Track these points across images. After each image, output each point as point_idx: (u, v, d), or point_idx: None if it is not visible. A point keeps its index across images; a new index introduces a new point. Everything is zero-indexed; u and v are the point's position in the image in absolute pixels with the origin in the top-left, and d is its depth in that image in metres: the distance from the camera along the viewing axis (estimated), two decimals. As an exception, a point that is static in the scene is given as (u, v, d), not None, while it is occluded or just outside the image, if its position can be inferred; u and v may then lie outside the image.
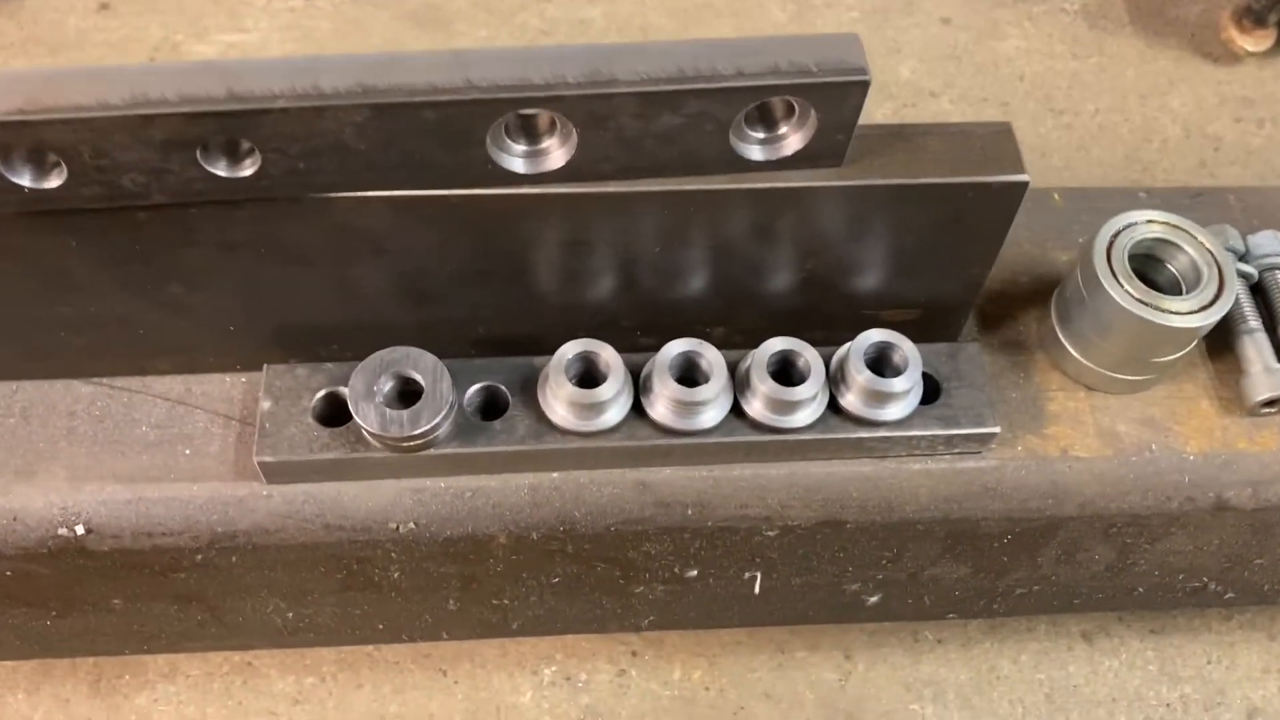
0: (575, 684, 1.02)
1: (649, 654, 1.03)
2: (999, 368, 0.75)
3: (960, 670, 1.05)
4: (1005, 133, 0.63)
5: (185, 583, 0.73)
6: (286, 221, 0.59)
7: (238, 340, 0.68)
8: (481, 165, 0.57)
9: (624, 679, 1.02)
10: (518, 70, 0.53)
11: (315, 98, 0.52)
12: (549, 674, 1.02)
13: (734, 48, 0.55)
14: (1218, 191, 0.85)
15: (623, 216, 0.61)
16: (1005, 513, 0.73)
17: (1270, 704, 1.04)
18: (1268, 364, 0.74)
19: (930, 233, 0.64)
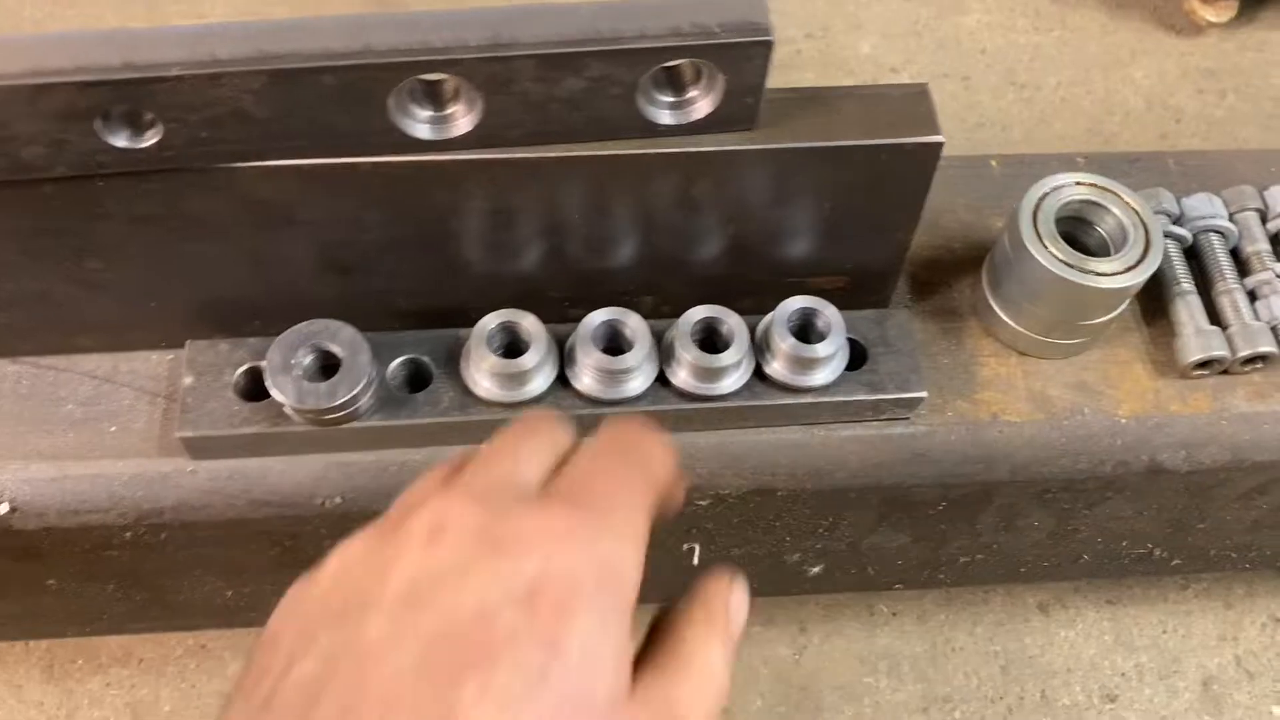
0: (529, 662, 1.02)
1: (603, 631, 1.03)
2: (931, 334, 0.75)
3: (915, 643, 1.05)
4: (921, 94, 0.62)
5: (119, 561, 0.73)
6: (194, 193, 0.59)
7: (161, 316, 0.68)
8: (386, 132, 0.56)
9: (578, 656, 1.02)
10: (417, 34, 0.53)
11: (211, 64, 0.52)
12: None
13: (636, 9, 0.54)
14: (1157, 155, 0.85)
15: (534, 183, 0.60)
16: (937, 478, 0.72)
17: (1225, 672, 1.04)
18: (1199, 326, 0.73)
19: (848, 197, 0.64)
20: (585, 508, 0.37)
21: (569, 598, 0.33)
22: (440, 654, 0.32)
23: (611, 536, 0.36)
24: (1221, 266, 0.76)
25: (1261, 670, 1.04)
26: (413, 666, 0.31)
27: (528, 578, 0.33)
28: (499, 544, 0.34)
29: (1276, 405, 0.74)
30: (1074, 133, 1.39)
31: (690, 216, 0.65)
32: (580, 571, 0.34)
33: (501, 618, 0.32)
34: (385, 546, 0.36)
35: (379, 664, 0.32)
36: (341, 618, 0.34)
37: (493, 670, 0.31)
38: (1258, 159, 0.84)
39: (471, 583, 0.33)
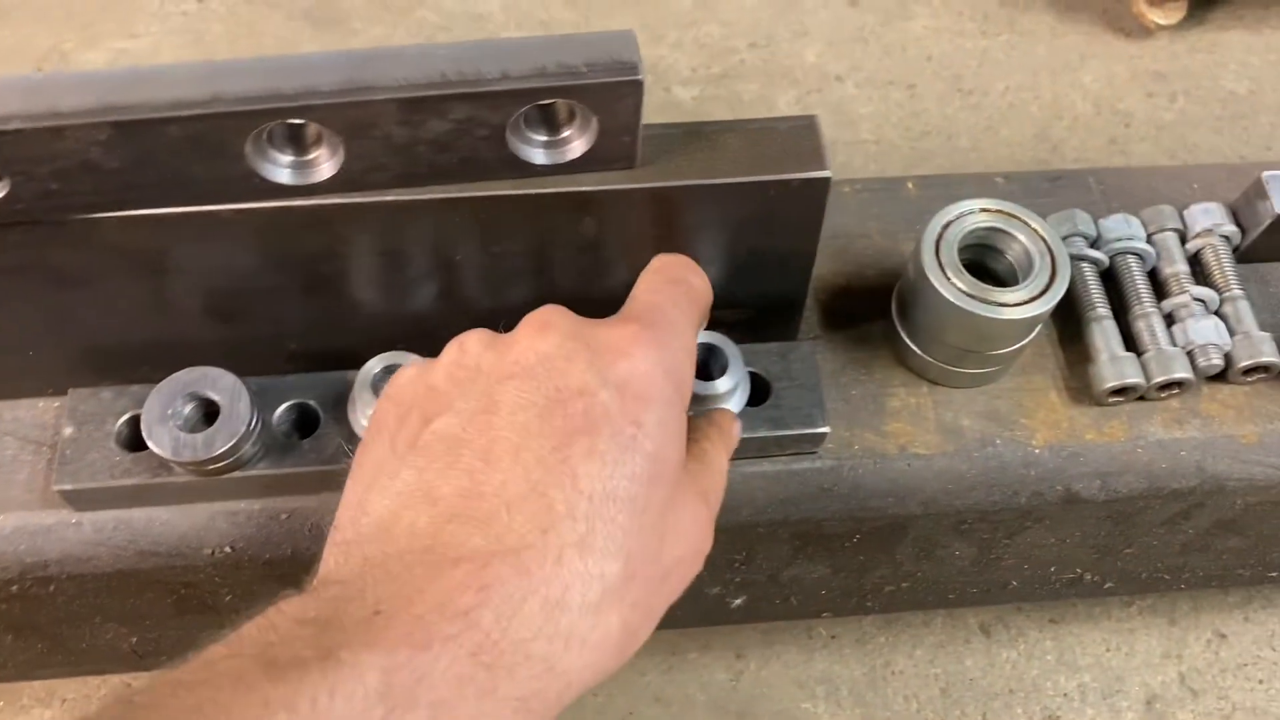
0: (460, 694, 1.00)
1: (536, 661, 1.02)
2: (841, 364, 0.73)
3: (854, 666, 1.03)
4: (809, 127, 0.60)
5: (10, 613, 0.71)
6: (55, 244, 0.57)
7: (42, 365, 0.66)
8: (246, 178, 0.54)
9: (510, 687, 1.00)
10: (268, 81, 0.51)
11: (52, 117, 0.50)
12: (433, 685, 1.00)
13: (499, 49, 0.53)
14: (1078, 174, 0.83)
15: (408, 226, 0.59)
16: (846, 513, 0.71)
17: (1169, 690, 1.03)
18: (1114, 352, 0.72)
19: (739, 232, 0.62)
20: (653, 326, 0.47)
21: (648, 390, 0.43)
22: (556, 417, 0.41)
23: (675, 348, 0.47)
24: (1138, 290, 0.74)
25: (1206, 688, 1.03)
26: (536, 425, 0.41)
27: (619, 372, 0.44)
28: (592, 344, 0.45)
29: (1193, 432, 0.72)
30: (1022, 139, 1.37)
31: (579, 254, 0.63)
32: (654, 372, 0.44)
33: (599, 398, 0.42)
34: (499, 340, 0.47)
35: (509, 422, 0.41)
36: (472, 385, 0.44)
37: (596, 436, 0.41)
38: (1179, 175, 0.83)
39: (575, 368, 0.43)
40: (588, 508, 0.40)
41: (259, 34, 1.40)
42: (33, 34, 1.38)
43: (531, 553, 0.39)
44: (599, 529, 0.40)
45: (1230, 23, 1.49)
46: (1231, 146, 1.38)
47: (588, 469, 0.41)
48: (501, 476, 0.40)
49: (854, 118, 1.38)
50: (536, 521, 0.39)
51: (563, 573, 0.39)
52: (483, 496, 0.40)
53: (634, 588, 0.41)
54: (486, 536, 0.39)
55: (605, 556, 0.40)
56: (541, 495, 0.40)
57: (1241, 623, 1.06)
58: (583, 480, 0.40)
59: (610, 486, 0.41)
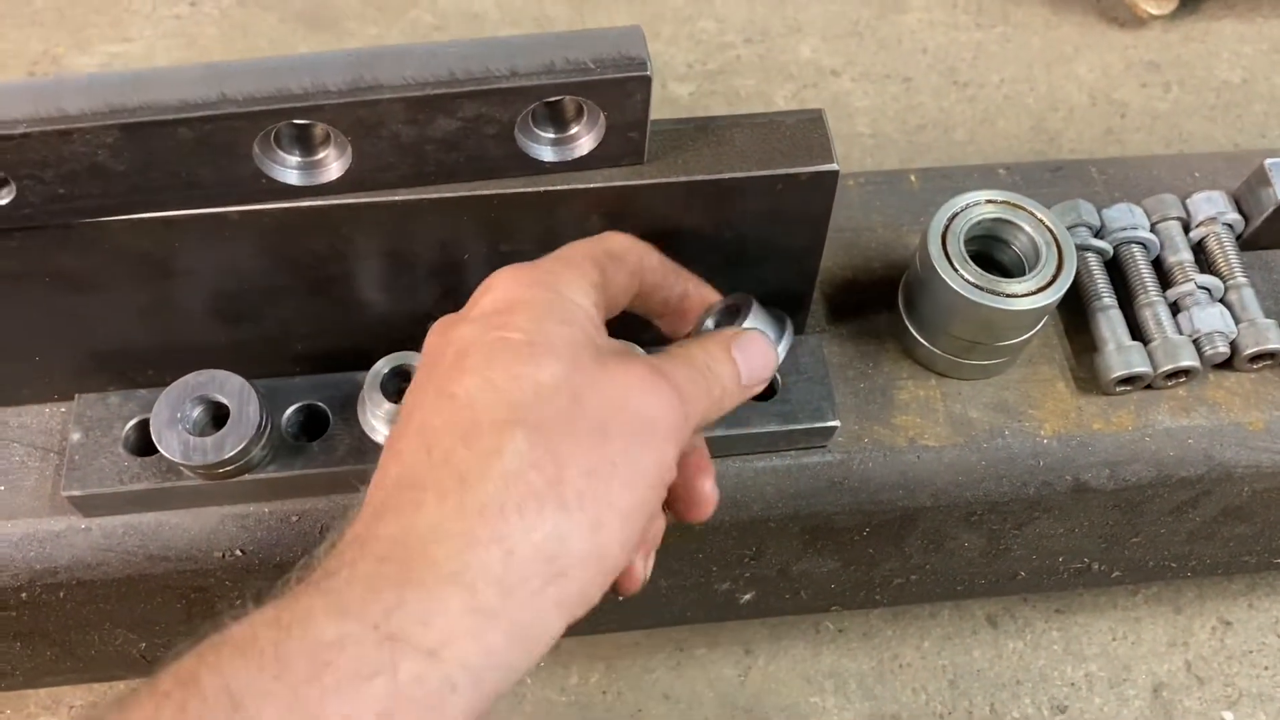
0: (468, 694, 1.00)
1: (543, 660, 1.01)
2: (848, 358, 0.73)
3: (862, 660, 1.03)
4: (816, 121, 0.60)
5: (19, 620, 0.71)
6: (62, 249, 0.57)
7: (48, 370, 0.66)
8: (254, 180, 0.54)
9: (519, 687, 1.00)
10: (275, 81, 0.51)
11: (60, 121, 0.49)
12: (441, 686, 1.00)
13: (508, 46, 0.52)
14: (1079, 164, 0.83)
15: (416, 225, 0.58)
16: (856, 506, 0.71)
17: (1175, 678, 1.03)
18: (1121, 341, 0.72)
19: (747, 227, 0.62)
20: (520, 265, 0.49)
21: (508, 302, 0.46)
22: (435, 370, 0.45)
23: (546, 266, 0.48)
24: (1143, 279, 0.75)
25: (1211, 675, 1.03)
26: (425, 391, 0.45)
27: (482, 306, 0.47)
28: (471, 302, 0.49)
29: (1200, 420, 0.73)
30: (1018, 131, 1.38)
31: (587, 251, 0.63)
32: (512, 286, 0.47)
33: (461, 331, 0.46)
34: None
35: (411, 405, 0.45)
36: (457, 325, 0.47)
37: (463, 361, 0.44)
38: (1180, 163, 0.83)
39: (453, 328, 0.47)
40: (462, 410, 0.42)
41: (252, 36, 1.40)
42: (25, 38, 1.37)
43: (417, 473, 0.41)
44: (480, 417, 0.42)
45: (1222, 12, 1.49)
46: (1226, 135, 1.39)
47: (461, 385, 0.43)
48: (406, 453, 0.43)
49: (851, 111, 1.38)
50: (420, 450, 0.42)
51: (453, 468, 0.41)
52: (386, 471, 0.44)
53: (550, 448, 0.41)
54: (381, 484, 0.43)
55: (493, 432, 0.41)
56: (425, 430, 0.42)
57: (1246, 610, 1.06)
58: (458, 396, 0.42)
59: (486, 378, 0.43)
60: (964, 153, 1.35)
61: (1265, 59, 1.45)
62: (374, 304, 0.65)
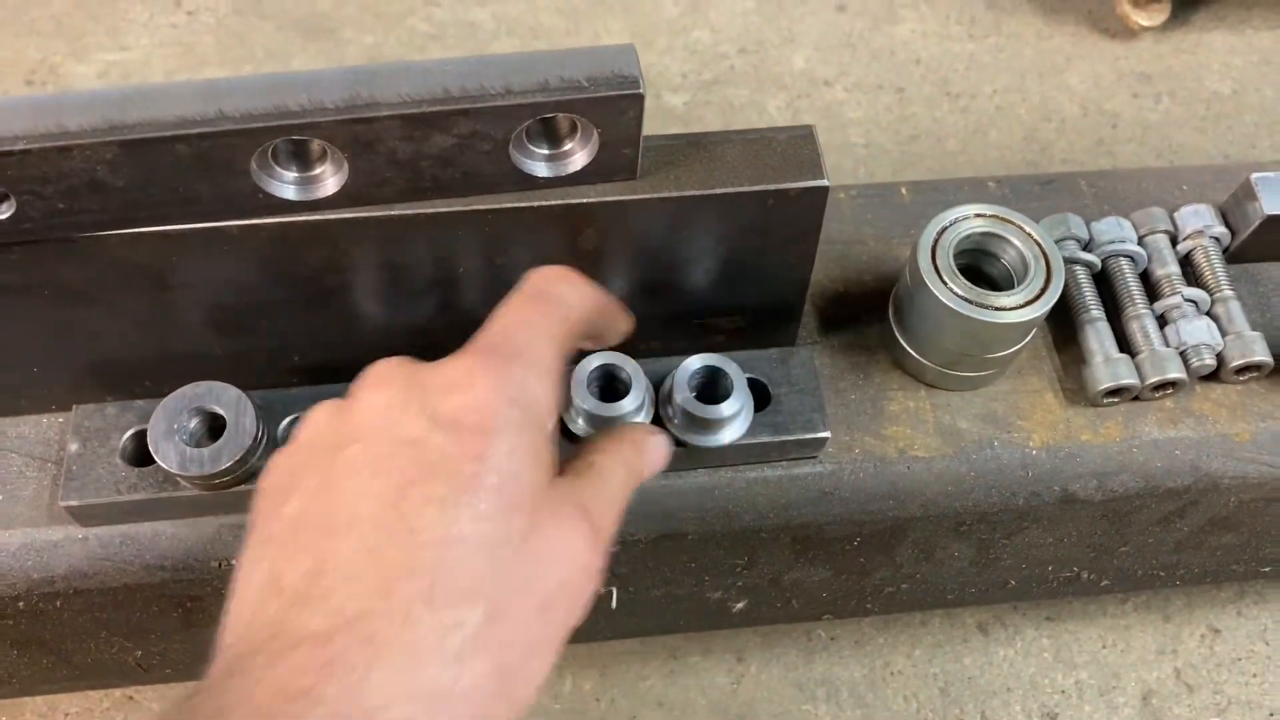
0: (463, 702, 1.00)
1: (538, 667, 1.02)
2: (839, 369, 0.74)
3: (854, 668, 1.04)
4: (807, 137, 0.61)
5: (16, 629, 0.71)
6: (62, 262, 0.57)
7: (46, 381, 0.66)
8: (251, 195, 0.55)
9: (513, 694, 1.01)
10: (273, 98, 0.51)
11: (59, 137, 0.50)
12: (436, 693, 1.00)
13: (502, 64, 0.53)
14: (1069, 177, 0.84)
15: (411, 239, 0.59)
16: (847, 516, 0.72)
17: (1164, 685, 1.04)
18: (1108, 354, 0.73)
19: (738, 241, 0.63)
20: (493, 353, 0.44)
21: (487, 421, 0.41)
22: (391, 474, 0.40)
23: (519, 370, 0.44)
24: (1131, 292, 0.75)
25: (1201, 683, 1.04)
26: (372, 487, 0.40)
27: (452, 410, 0.42)
28: (427, 387, 0.43)
29: (1187, 431, 0.73)
30: (1010, 141, 1.39)
31: (581, 265, 0.63)
32: (493, 401, 0.42)
33: (432, 442, 0.41)
34: (343, 408, 0.45)
35: (344, 491, 0.40)
36: (316, 461, 0.43)
37: (431, 482, 0.40)
38: (1168, 176, 0.84)
39: (408, 417, 0.42)
40: (430, 557, 0.38)
41: (249, 45, 1.40)
42: (22, 47, 1.38)
43: (374, 619, 0.37)
44: (445, 577, 0.38)
45: (1213, 24, 1.50)
46: (1217, 146, 1.40)
47: (425, 518, 0.39)
48: (341, 548, 0.39)
49: (844, 122, 1.39)
50: (377, 586, 0.38)
51: (412, 631, 0.37)
52: (324, 574, 0.39)
53: (504, 627, 0.39)
54: (327, 613, 0.37)
55: (459, 603, 0.38)
56: (379, 558, 0.38)
57: (1235, 618, 1.07)
58: (421, 531, 0.39)
59: (453, 531, 0.39)
60: (956, 163, 1.36)
61: (1255, 71, 1.46)
62: (370, 317, 0.65)
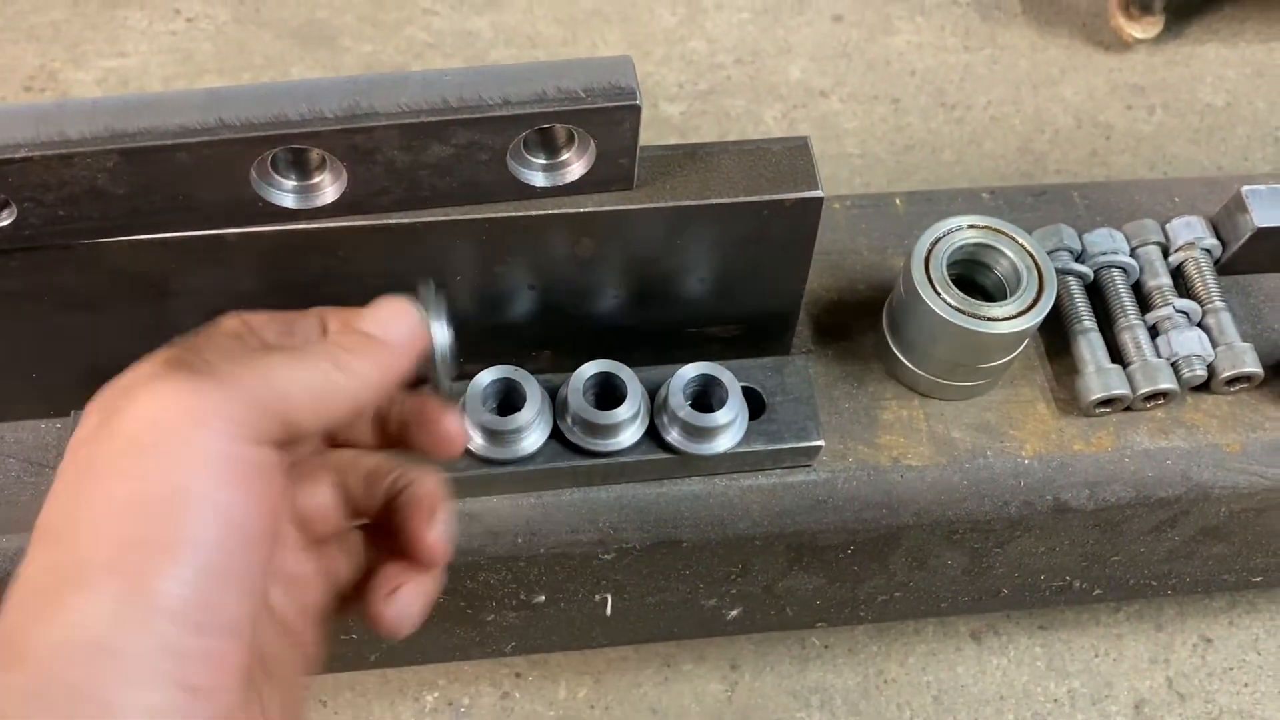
0: (458, 709, 1.01)
1: (533, 675, 1.03)
2: (833, 378, 0.75)
3: (848, 676, 1.04)
4: (802, 148, 0.62)
5: (13, 634, 0.71)
6: (62, 269, 0.58)
7: (45, 386, 0.67)
8: (251, 203, 0.55)
9: (507, 701, 1.01)
10: (272, 107, 0.52)
11: (61, 145, 0.51)
12: (431, 700, 1.01)
13: (500, 75, 0.54)
14: (1062, 189, 0.85)
15: (409, 248, 0.60)
16: (840, 524, 0.72)
17: (1157, 694, 1.04)
18: (1100, 364, 0.73)
19: (734, 251, 0.63)
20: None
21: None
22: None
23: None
24: (1123, 303, 0.76)
25: (1193, 691, 1.05)
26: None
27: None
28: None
29: (1178, 441, 0.74)
30: (1005, 152, 1.40)
31: (577, 274, 0.64)
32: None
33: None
34: None
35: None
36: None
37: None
38: (1161, 188, 0.84)
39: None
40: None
41: (248, 53, 1.41)
42: (21, 53, 1.38)
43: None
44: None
45: (1206, 36, 1.51)
46: (1209, 157, 1.41)
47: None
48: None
49: (839, 132, 1.40)
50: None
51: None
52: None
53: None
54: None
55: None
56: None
57: (1226, 627, 1.08)
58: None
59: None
60: (951, 173, 1.37)
61: (1248, 83, 1.47)
62: (367, 323, 0.66)
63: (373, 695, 1.00)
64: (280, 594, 0.44)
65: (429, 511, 0.45)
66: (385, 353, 0.43)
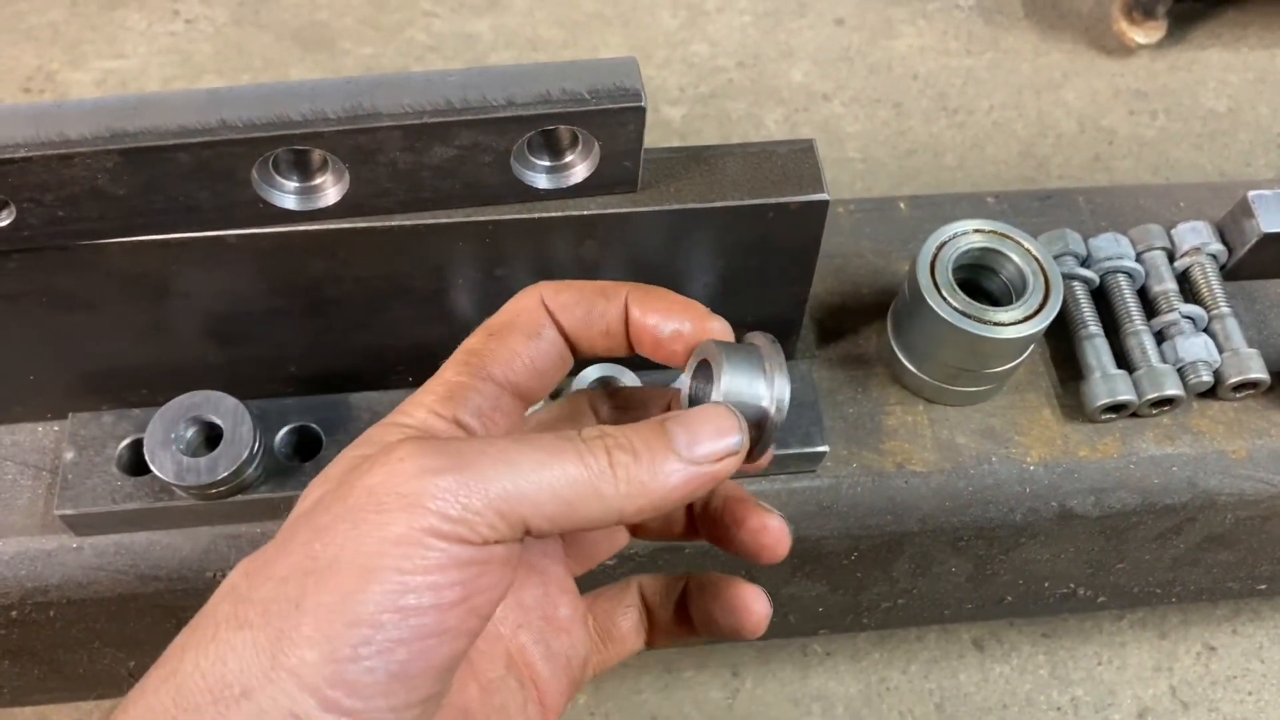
0: (456, 715, 1.00)
1: (532, 680, 1.02)
2: (837, 382, 0.74)
3: (849, 683, 1.04)
4: (807, 151, 0.61)
5: (8, 638, 0.71)
6: (61, 270, 0.57)
7: (42, 389, 0.66)
8: (252, 205, 0.55)
9: (507, 707, 1.00)
10: (274, 107, 0.51)
11: (61, 145, 0.50)
12: (429, 706, 1.00)
13: (504, 76, 0.53)
14: (1067, 193, 0.84)
15: (411, 250, 0.59)
16: (844, 531, 0.71)
17: (1160, 703, 1.04)
18: (1106, 370, 0.73)
19: (738, 254, 0.63)
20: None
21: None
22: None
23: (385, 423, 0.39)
24: (1129, 308, 0.76)
25: (1196, 700, 1.04)
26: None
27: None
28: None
29: (1184, 448, 0.73)
30: (1007, 157, 1.39)
31: (581, 276, 0.63)
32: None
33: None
34: None
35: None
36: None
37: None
38: (1166, 193, 0.84)
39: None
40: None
41: (247, 55, 1.40)
42: (19, 54, 1.38)
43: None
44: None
45: (1209, 42, 1.51)
46: (1212, 163, 1.41)
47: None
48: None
49: (841, 136, 1.39)
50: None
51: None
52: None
53: (269, 566, 0.35)
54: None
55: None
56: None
57: (1230, 635, 1.07)
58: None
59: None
60: (953, 178, 1.36)
61: (1251, 88, 1.47)
62: (368, 327, 0.65)
63: (371, 701, 1.00)
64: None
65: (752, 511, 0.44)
66: (677, 472, 0.37)
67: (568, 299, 0.42)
